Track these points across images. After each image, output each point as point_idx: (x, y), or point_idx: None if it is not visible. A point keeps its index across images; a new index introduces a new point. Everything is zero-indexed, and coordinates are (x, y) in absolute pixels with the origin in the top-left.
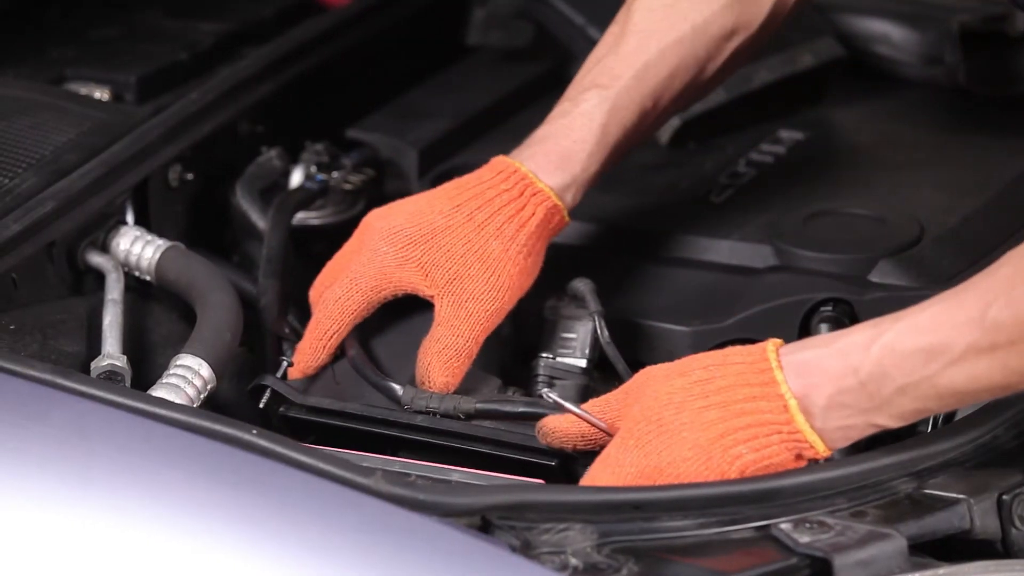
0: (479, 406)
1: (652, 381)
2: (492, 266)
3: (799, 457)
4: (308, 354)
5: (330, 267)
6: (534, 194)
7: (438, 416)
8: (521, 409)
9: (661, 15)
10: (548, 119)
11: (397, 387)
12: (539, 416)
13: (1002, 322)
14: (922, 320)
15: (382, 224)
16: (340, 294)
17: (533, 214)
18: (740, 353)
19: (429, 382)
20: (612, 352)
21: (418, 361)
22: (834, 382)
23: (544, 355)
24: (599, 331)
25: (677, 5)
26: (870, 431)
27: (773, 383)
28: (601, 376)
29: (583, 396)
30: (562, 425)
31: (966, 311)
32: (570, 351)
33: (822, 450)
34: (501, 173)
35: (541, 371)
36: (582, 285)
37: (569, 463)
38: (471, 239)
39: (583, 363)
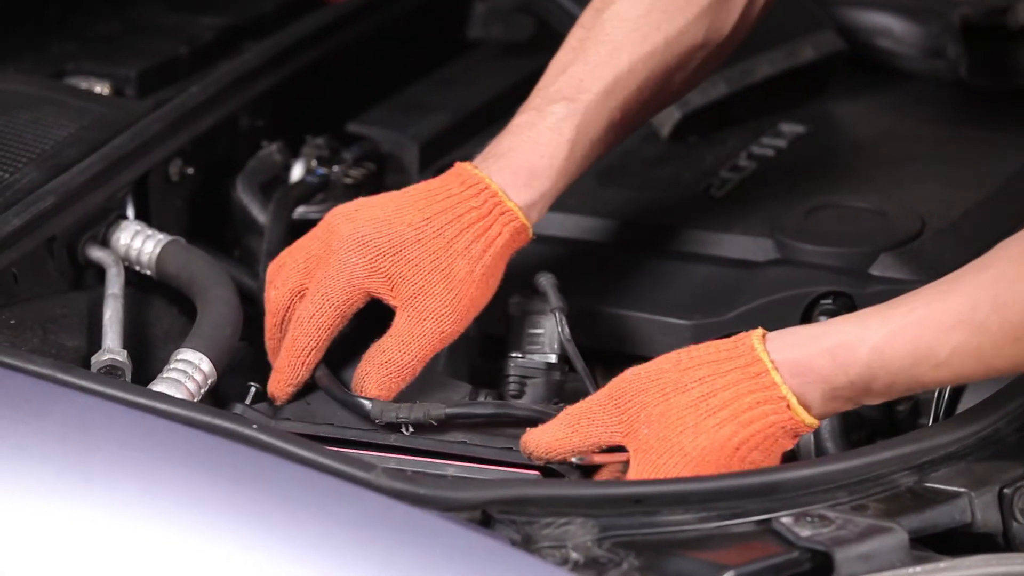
0: (449, 411)
1: (647, 398)
2: (455, 287)
3: (795, 436)
4: (287, 372)
5: (290, 257)
6: (502, 213)
7: (409, 427)
8: (492, 411)
9: (633, 25)
10: (513, 127)
11: (366, 402)
12: (510, 417)
13: (989, 327)
14: (909, 323)
15: (349, 230)
16: (314, 311)
17: (499, 234)
18: (730, 357)
19: (362, 391)
20: (572, 350)
21: (358, 367)
22: (826, 380)
23: (514, 355)
24: (560, 328)
25: (651, 15)
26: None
27: (773, 386)
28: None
29: (556, 392)
30: (545, 442)
31: (953, 314)
32: (539, 347)
33: (814, 425)
34: (471, 188)
35: (511, 372)
36: (544, 280)
37: (549, 476)
38: (439, 256)
39: (552, 358)
